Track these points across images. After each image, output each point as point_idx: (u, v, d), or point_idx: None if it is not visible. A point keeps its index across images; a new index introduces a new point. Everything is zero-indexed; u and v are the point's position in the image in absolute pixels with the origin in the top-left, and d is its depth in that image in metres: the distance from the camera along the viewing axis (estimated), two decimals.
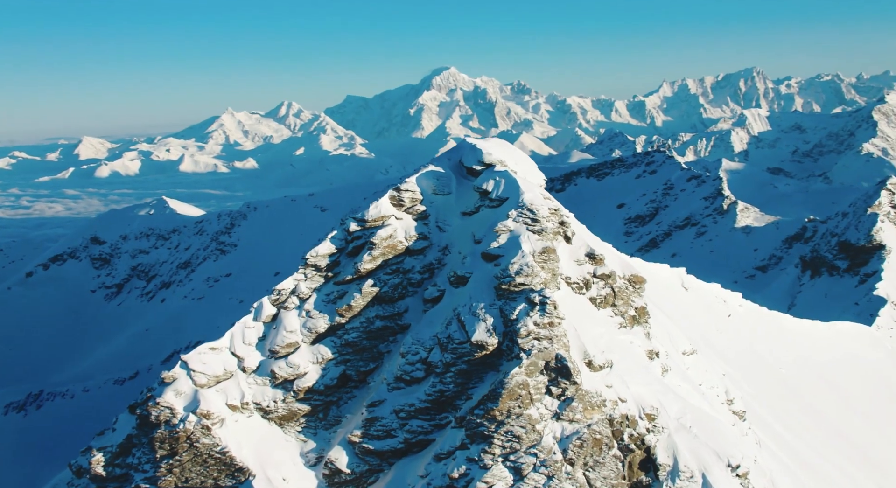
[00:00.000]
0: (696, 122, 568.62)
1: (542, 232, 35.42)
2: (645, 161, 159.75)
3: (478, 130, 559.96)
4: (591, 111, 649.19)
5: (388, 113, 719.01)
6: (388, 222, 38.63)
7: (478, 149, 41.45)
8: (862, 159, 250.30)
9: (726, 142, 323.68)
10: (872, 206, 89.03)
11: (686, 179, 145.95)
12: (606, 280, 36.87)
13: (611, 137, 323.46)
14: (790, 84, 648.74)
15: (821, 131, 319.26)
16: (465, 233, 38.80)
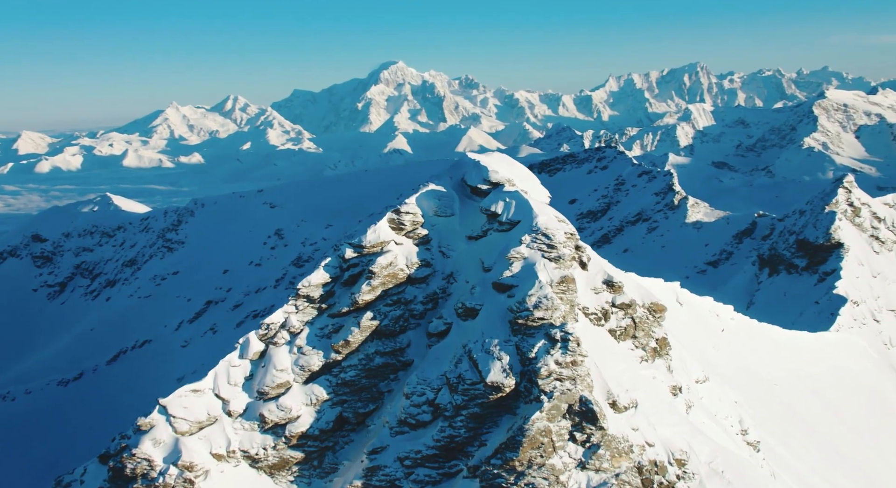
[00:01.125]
0: (641, 117, 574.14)
1: (560, 259, 32.51)
2: (596, 156, 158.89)
3: (426, 125, 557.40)
4: (539, 105, 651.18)
5: (336, 107, 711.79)
6: (387, 248, 35.46)
7: (482, 167, 38.31)
8: (803, 153, 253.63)
9: (672, 136, 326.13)
10: (830, 204, 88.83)
11: (637, 175, 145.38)
12: (626, 310, 34.13)
13: (559, 132, 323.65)
14: (733, 79, 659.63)
15: (763, 126, 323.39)
16: (471, 260, 35.94)
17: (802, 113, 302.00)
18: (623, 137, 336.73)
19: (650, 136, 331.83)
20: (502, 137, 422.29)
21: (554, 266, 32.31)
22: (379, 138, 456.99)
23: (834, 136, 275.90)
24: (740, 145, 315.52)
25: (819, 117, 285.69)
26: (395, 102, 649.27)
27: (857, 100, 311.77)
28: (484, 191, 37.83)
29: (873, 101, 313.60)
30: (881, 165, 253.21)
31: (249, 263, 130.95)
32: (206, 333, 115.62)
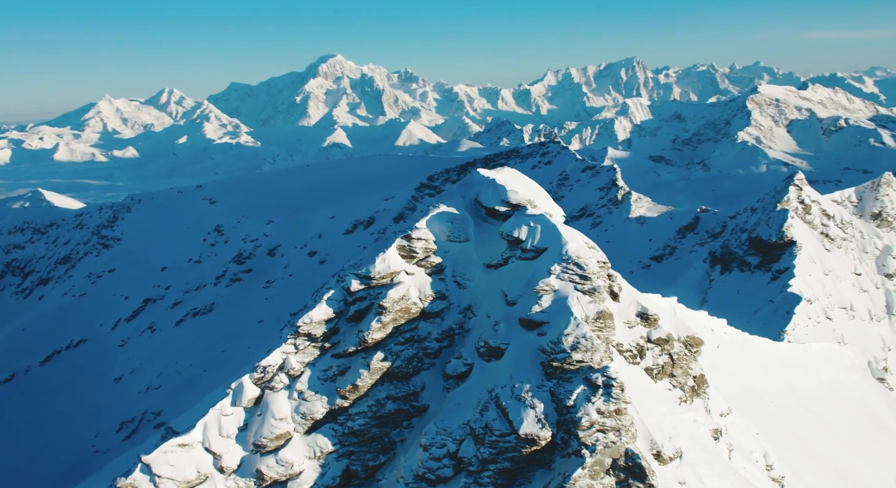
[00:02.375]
0: (580, 111, 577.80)
1: (594, 292, 29.30)
2: (540, 151, 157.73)
3: (365, 118, 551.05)
4: (478, 99, 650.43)
5: (274, 100, 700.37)
6: (398, 278, 31.95)
7: (499, 187, 35.00)
8: (737, 147, 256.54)
9: (610, 130, 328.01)
10: (782, 202, 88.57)
11: (581, 170, 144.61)
12: (663, 345, 31.13)
13: (498, 125, 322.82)
14: (668, 73, 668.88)
15: (699, 120, 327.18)
16: (491, 291, 32.46)
17: (736, 107, 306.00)
18: (562, 131, 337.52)
19: (589, 130, 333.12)
20: (442, 131, 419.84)
21: (588, 300, 29.15)
22: (318, 132, 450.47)
23: (766, 131, 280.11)
24: (676, 139, 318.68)
25: (752, 112, 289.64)
26: (333, 96, 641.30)
27: (788, 95, 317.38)
28: (502, 213, 34.48)
29: (804, 97, 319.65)
30: (812, 159, 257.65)
31: (189, 260, 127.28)
32: (145, 332, 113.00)
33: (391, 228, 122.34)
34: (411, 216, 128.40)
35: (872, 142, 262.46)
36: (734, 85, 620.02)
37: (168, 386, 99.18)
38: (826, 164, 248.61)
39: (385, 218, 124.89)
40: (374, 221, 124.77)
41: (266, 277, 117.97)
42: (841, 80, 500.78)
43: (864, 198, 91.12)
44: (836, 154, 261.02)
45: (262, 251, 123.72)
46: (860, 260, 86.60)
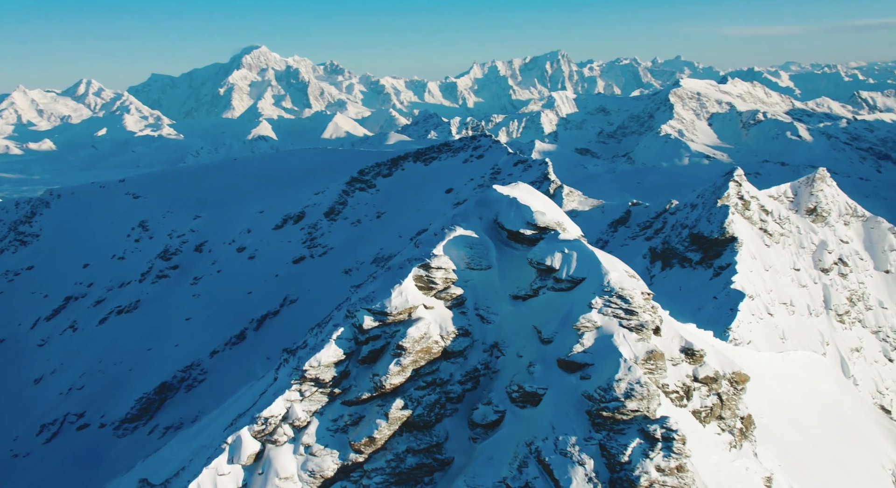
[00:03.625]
0: (506, 104, 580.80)
1: (642, 328, 26.35)
2: (472, 145, 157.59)
3: (291, 111, 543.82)
4: (405, 92, 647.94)
5: (197, 92, 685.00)
6: (416, 314, 28.19)
7: (523, 207, 31.50)
8: (661, 140, 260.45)
9: (537, 123, 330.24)
10: (722, 198, 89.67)
11: (513, 164, 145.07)
12: (711, 385, 28.27)
13: (426, 118, 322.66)
14: (592, 67, 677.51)
15: (623, 113, 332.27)
16: (521, 327, 28.94)
17: (659, 101, 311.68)
18: (489, 124, 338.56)
19: (516, 123, 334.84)
20: (369, 124, 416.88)
21: (636, 337, 26.22)
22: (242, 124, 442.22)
23: (689, 124, 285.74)
24: (602, 132, 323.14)
25: (675, 105, 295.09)
26: (258, 88, 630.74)
27: (709, 88, 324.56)
28: (528, 237, 31.09)
29: (724, 90, 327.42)
30: (732, 152, 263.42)
31: (112, 257, 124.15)
32: (66, 331, 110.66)
33: (322, 223, 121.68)
34: (341, 209, 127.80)
35: (789, 135, 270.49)
36: (656, 78, 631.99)
37: (91, 387, 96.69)
38: (745, 157, 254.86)
39: (315, 212, 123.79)
40: (305, 216, 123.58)
41: (193, 273, 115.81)
42: (758, 75, 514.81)
43: (800, 193, 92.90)
44: (755, 146, 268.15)
45: (189, 247, 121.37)
46: (798, 255, 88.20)
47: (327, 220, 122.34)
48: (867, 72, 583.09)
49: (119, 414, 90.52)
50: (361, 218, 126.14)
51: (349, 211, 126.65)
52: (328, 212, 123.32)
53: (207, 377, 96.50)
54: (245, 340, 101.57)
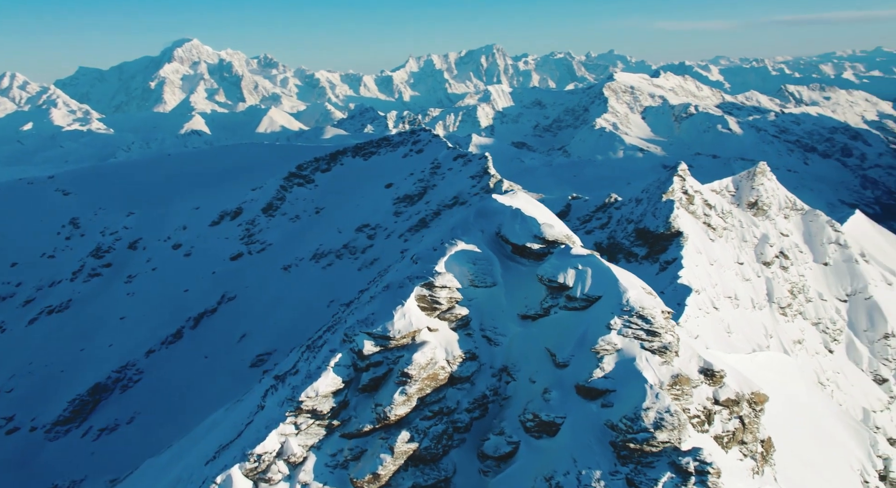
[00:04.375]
0: (442, 97, 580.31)
1: (665, 350, 24.46)
2: (411, 140, 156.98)
3: (224, 105, 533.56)
4: (340, 85, 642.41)
5: (127, 86, 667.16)
6: (420, 337, 25.94)
7: (528, 219, 29.42)
8: (596, 134, 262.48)
9: (473, 117, 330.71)
10: (667, 193, 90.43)
11: (453, 158, 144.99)
12: (732, 407, 26.36)
13: (362, 112, 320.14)
14: (527, 61, 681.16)
15: (559, 107, 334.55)
16: (532, 349, 26.88)
17: (594, 94, 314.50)
18: (426, 117, 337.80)
19: (452, 117, 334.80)
20: (304, 118, 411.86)
21: (659, 360, 24.32)
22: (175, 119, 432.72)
23: (623, 117, 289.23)
24: (538, 125, 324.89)
25: (609, 99, 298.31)
26: (190, 81, 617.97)
27: (642, 82, 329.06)
28: (535, 252, 28.93)
29: (656, 84, 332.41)
30: (665, 145, 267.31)
31: (42, 255, 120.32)
32: None
33: (260, 219, 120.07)
34: (279, 205, 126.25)
35: (720, 128, 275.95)
36: (590, 72, 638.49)
37: (21, 389, 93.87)
38: (678, 149, 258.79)
39: (253, 208, 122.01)
40: (242, 212, 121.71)
41: (127, 272, 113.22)
42: (689, 68, 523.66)
43: (741, 187, 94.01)
44: (687, 139, 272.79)
45: (123, 244, 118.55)
46: (741, 249, 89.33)
47: (265, 216, 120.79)
48: (793, 66, 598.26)
49: (51, 417, 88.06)
50: (300, 213, 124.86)
51: (287, 206, 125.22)
52: (266, 207, 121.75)
53: (143, 377, 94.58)
54: (182, 339, 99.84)
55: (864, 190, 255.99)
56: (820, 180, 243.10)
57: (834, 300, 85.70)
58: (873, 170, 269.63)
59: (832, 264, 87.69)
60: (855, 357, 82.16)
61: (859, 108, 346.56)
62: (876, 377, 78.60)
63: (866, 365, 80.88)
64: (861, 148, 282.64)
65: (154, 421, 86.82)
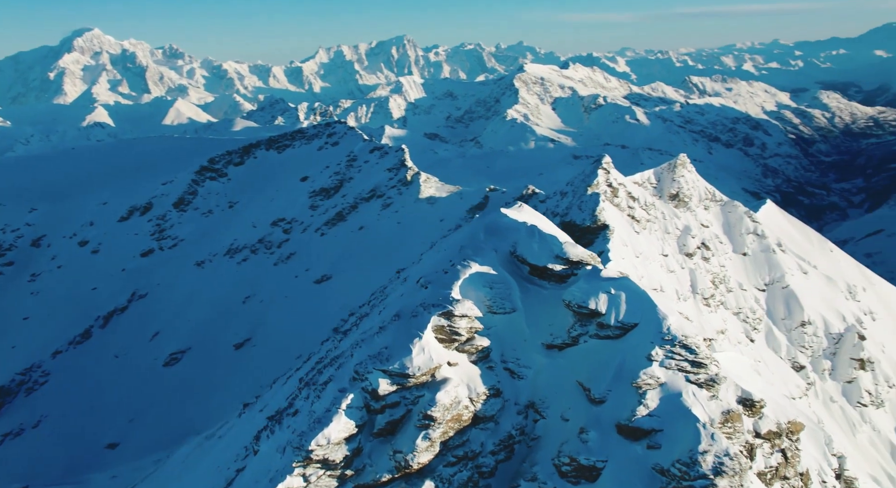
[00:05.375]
0: (353, 89, 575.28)
1: (713, 383, 22.25)
2: (326, 132, 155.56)
3: (129, 96, 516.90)
4: (249, 77, 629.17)
5: (24, 77, 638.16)
6: (440, 373, 23.21)
7: (548, 237, 26.83)
8: (508, 125, 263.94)
9: (385, 108, 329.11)
10: (592, 186, 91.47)
11: (369, 151, 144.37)
12: (774, 440, 24.21)
13: (272, 104, 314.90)
14: (438, 52, 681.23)
15: (470, 98, 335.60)
16: (562, 383, 24.27)
17: (505, 86, 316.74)
18: (337, 109, 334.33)
19: (364, 108, 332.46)
20: (212, 109, 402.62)
21: (707, 394, 22.04)
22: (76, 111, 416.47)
23: (533, 108, 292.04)
24: (450, 117, 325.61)
25: (520, 90, 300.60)
26: (92, 72, 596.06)
27: (552, 73, 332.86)
28: (557, 273, 26.30)
29: (566, 75, 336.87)
30: (575, 135, 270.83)
31: None
32: None
33: (171, 214, 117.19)
34: (191, 200, 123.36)
35: (628, 118, 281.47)
36: (500, 63, 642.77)
37: None
38: (588, 140, 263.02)
39: (164, 203, 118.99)
40: (152, 207, 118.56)
41: (31, 270, 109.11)
42: (597, 60, 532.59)
43: (662, 179, 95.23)
44: (597, 130, 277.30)
45: (25, 242, 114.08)
46: (664, 240, 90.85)
47: (177, 211, 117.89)
48: (696, 58, 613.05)
49: None
50: (213, 208, 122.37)
51: (200, 201, 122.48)
52: (177, 202, 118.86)
53: (50, 379, 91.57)
54: (91, 338, 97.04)
55: (766, 178, 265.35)
56: (724, 169, 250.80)
57: (753, 289, 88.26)
58: (773, 159, 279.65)
59: (751, 254, 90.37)
60: (774, 345, 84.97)
61: (759, 99, 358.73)
62: (794, 364, 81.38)
63: (784, 352, 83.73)
64: (762, 137, 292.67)
65: (66, 424, 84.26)
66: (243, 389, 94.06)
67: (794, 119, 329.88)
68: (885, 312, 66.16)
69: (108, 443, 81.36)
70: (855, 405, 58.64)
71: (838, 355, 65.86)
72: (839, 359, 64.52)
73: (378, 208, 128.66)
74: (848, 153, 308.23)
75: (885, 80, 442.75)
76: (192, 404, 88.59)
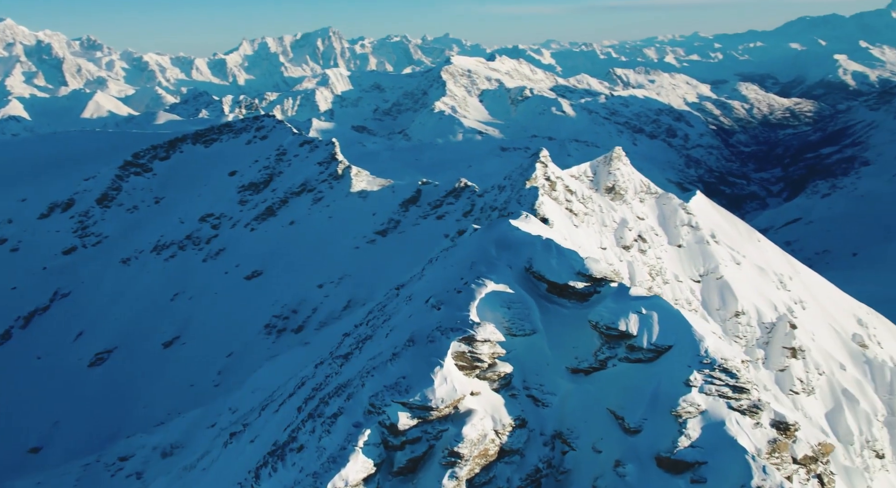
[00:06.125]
0: (278, 81, 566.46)
1: (757, 410, 20.72)
2: (255, 126, 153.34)
3: (45, 88, 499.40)
4: (171, 69, 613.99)
5: None
6: (463, 405, 21.23)
7: (566, 252, 25.11)
8: (435, 117, 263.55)
9: (312, 101, 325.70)
10: (530, 180, 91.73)
11: (299, 144, 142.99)
12: (810, 466, 22.45)
13: (195, 97, 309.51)
14: (364, 44, 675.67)
15: (398, 90, 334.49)
16: (590, 411, 22.41)
17: (432, 78, 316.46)
18: (263, 102, 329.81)
19: (290, 101, 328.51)
20: (133, 102, 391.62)
21: (751, 422, 20.55)
22: None
23: (461, 100, 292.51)
24: (377, 109, 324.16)
25: (447, 82, 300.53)
26: (5, 64, 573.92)
27: (479, 66, 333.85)
28: (579, 291, 24.53)
29: (493, 68, 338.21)
30: (502, 127, 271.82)
31: None
32: None
33: (94, 211, 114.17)
34: (115, 196, 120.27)
35: (554, 110, 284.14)
36: (427, 56, 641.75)
37: None
38: (515, 132, 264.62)
39: (87, 199, 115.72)
40: (74, 203, 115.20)
41: None
42: (522, 52, 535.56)
43: (598, 172, 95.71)
44: (524, 122, 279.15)
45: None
46: (602, 233, 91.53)
47: (100, 207, 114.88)
48: (619, 50, 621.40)
49: None
50: (138, 204, 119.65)
51: (124, 197, 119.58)
52: (101, 198, 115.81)
53: None
54: (11, 339, 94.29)
55: (688, 169, 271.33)
56: (648, 160, 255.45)
57: (689, 281, 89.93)
58: (696, 149, 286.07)
59: (685, 246, 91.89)
60: None
61: (681, 91, 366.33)
62: None
63: None
64: (684, 129, 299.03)
65: None
66: (173, 388, 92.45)
67: (715, 110, 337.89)
68: (812, 300, 68.41)
69: (31, 448, 79.10)
70: (788, 393, 60.36)
71: (771, 344, 67.67)
72: (772, 348, 66.26)
73: (309, 202, 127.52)
74: (766, 143, 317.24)
75: (800, 72, 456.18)
76: (119, 405, 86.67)
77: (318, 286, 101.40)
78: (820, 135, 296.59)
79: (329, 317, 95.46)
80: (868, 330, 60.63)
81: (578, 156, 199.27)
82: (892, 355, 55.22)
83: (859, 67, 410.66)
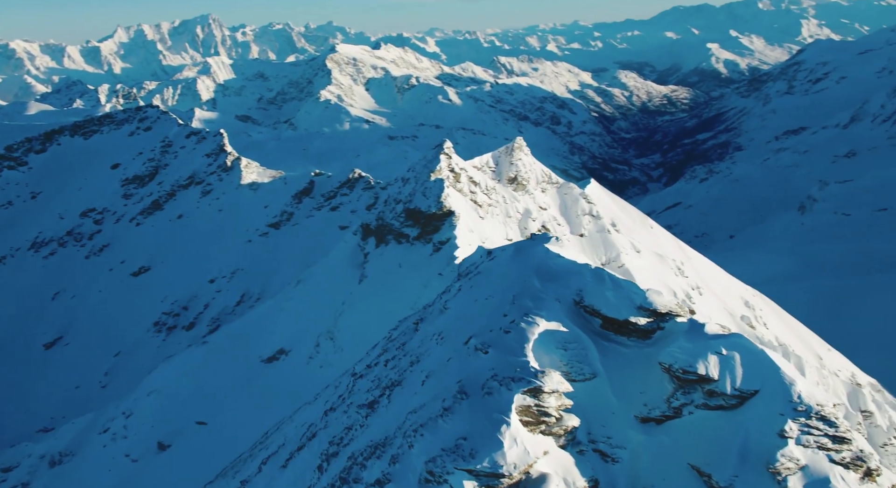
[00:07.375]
0: (156, 70, 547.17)
1: (861, 463, 18.74)
2: (137, 117, 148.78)
3: None
4: (41, 57, 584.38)
5: None
6: (535, 469, 18.15)
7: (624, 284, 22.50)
8: (321, 106, 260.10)
9: (193, 90, 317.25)
10: (435, 172, 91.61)
11: (185, 136, 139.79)
12: None
13: (69, 86, 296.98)
14: (245, 32, 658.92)
15: (282, 79, 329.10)
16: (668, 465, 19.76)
17: (317, 67, 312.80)
18: (141, 91, 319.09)
19: (170, 90, 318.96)
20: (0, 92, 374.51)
21: (856, 477, 18.58)
22: None
23: (347, 89, 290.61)
24: (262, 98, 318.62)
25: (332, 71, 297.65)
26: None
27: (364, 54, 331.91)
28: (642, 328, 21.76)
29: (378, 56, 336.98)
30: (390, 116, 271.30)
31: None
32: None
33: None
34: None
35: (441, 98, 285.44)
36: (310, 44, 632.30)
37: None
38: (402, 121, 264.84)
39: None
40: None
41: None
42: (407, 40, 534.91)
43: (501, 163, 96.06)
44: (411, 110, 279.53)
45: None
46: (506, 225, 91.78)
47: None
48: (503, 38, 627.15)
49: None
50: (13, 199, 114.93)
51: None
52: None
53: None
54: None
55: (573, 155, 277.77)
56: (534, 147, 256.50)
57: None
58: (579, 136, 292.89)
59: (587, 235, 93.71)
60: None
61: (564, 79, 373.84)
62: None
63: None
64: (568, 116, 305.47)
65: None
66: (57, 391, 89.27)
67: (597, 98, 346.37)
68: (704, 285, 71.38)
69: None
70: None
71: None
72: None
73: (197, 195, 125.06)
74: (646, 130, 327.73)
75: (676, 60, 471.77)
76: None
77: (210, 281, 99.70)
78: (696, 121, 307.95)
79: (222, 312, 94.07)
80: (755, 311, 63.42)
81: (466, 145, 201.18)
82: (777, 335, 58.04)
83: (730, 56, 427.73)
